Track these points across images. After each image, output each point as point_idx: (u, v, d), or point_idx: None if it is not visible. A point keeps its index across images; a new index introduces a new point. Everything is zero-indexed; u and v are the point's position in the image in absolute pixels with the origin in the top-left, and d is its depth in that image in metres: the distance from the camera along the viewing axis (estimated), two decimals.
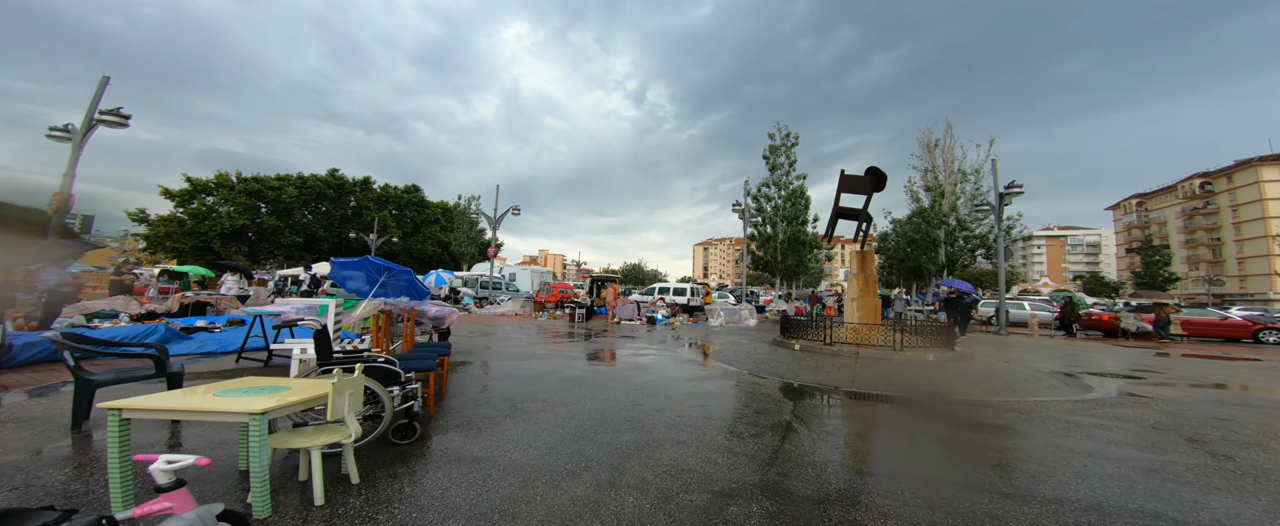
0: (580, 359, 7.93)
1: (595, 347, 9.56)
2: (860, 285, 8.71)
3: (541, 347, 9.25)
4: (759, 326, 17.38)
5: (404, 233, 52.66)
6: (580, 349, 9.28)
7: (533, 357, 7.82)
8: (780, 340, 9.06)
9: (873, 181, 8.64)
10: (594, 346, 9.79)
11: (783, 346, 8.60)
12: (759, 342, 10.65)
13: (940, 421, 4.55)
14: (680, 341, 11.49)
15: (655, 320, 16.87)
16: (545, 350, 8.87)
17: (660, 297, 23.16)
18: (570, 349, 9.23)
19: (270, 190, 37.67)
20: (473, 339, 10.25)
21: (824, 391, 5.79)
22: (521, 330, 12.79)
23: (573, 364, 7.35)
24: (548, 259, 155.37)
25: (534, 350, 8.82)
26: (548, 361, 7.49)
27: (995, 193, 15.65)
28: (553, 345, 9.74)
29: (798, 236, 27.76)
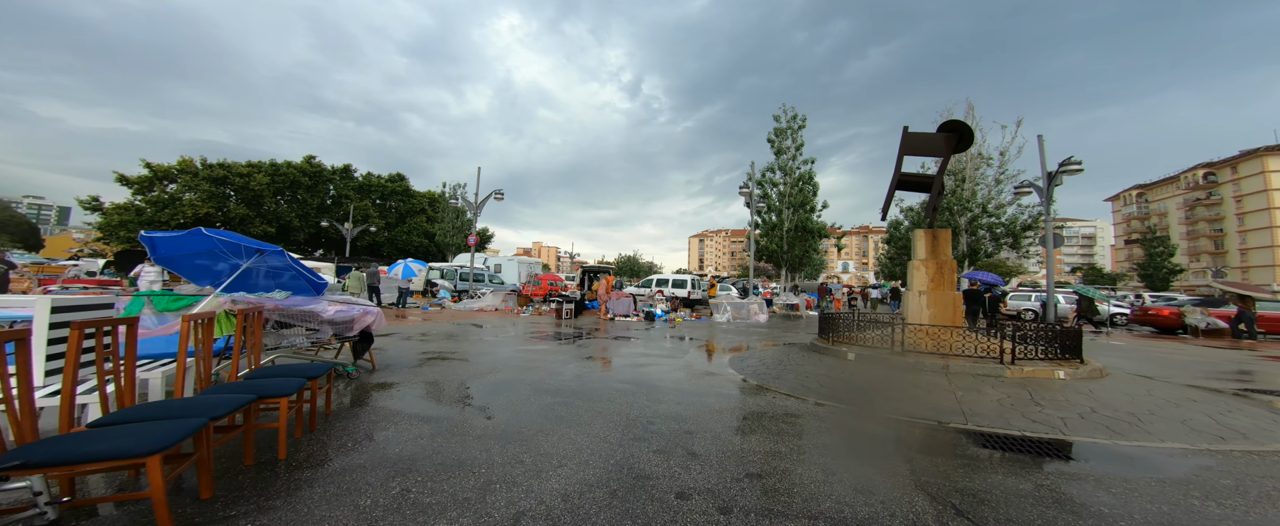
0: (561, 373, 5.88)
1: (583, 353, 7.52)
2: (931, 273, 6.71)
3: (514, 355, 7.20)
4: (771, 322, 15.42)
5: (388, 223, 50.28)
6: (563, 356, 7.23)
7: (494, 372, 5.76)
8: (822, 344, 7.11)
9: (950, 140, 6.62)
10: (581, 352, 7.74)
11: (826, 353, 6.64)
12: (789, 346, 8.68)
13: None
14: (687, 342, 9.48)
15: (654, 316, 14.88)
16: (518, 359, 6.82)
17: (658, 290, 21.15)
18: (550, 357, 7.17)
19: (238, 177, 35.07)
20: (428, 343, 8.16)
21: (938, 431, 3.79)
22: (496, 330, 10.72)
23: (549, 381, 5.30)
24: (541, 251, 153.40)
25: (501, 359, 6.76)
26: (516, 376, 5.45)
27: (1043, 173, 13.70)
28: (529, 349, 7.69)
29: (805, 224, 25.81)
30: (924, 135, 6.86)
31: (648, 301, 18.35)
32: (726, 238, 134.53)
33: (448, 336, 9.09)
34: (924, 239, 7.02)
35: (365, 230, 33.76)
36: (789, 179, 26.69)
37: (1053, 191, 13.63)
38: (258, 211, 36.50)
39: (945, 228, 7.19)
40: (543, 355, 7.25)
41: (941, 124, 6.71)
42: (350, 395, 4.34)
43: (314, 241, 42.08)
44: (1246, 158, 64.46)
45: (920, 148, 6.92)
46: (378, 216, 47.21)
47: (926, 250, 6.93)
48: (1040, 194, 14.40)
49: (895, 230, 30.32)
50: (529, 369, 6.04)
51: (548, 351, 7.69)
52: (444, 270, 20.69)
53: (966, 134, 6.50)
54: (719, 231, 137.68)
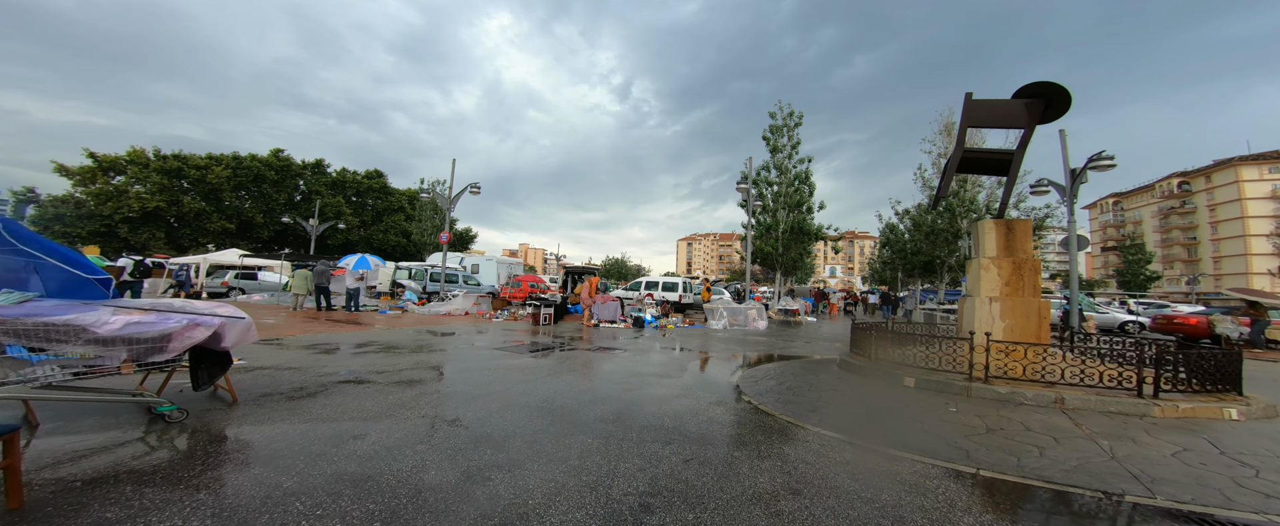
0: (521, 402, 4.31)
1: (557, 370, 5.94)
2: (1006, 275, 5.30)
3: (464, 374, 5.60)
4: (770, 330, 14.03)
5: (364, 221, 47.89)
6: (529, 376, 5.65)
7: (421, 404, 4.17)
8: (859, 363, 5.75)
9: (1035, 108, 5.22)
10: (555, 368, 6.16)
11: (869, 375, 5.28)
12: (811, 363, 7.27)
13: None
14: (682, 355, 7.97)
15: (643, 322, 13.36)
16: (467, 381, 5.23)
17: (648, 294, 19.63)
18: (512, 377, 5.59)
19: (194, 169, 32.46)
20: (355, 359, 6.48)
21: (1116, 509, 2.34)
22: (457, 339, 9.05)
23: (499, 422, 3.72)
24: (528, 253, 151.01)
25: (445, 383, 5.16)
26: (454, 410, 3.86)
27: (1065, 171, 12.62)
28: (489, 365, 6.08)
29: (802, 225, 24.61)
30: (995, 103, 5.49)
31: (636, 306, 16.84)
32: (714, 241, 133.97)
33: (389, 348, 7.41)
34: (995, 232, 5.61)
35: (333, 227, 31.47)
36: (785, 178, 25.55)
37: (1078, 189, 12.52)
38: (217, 207, 33.89)
39: (1024, 219, 5.83)
40: (503, 375, 5.65)
41: (1021, 88, 5.36)
42: (157, 445, 2.72)
43: (280, 239, 39.49)
44: (1221, 167, 66.09)
45: (990, 118, 5.55)
46: (352, 214, 44.81)
47: (998, 245, 5.52)
48: (1061, 193, 13.30)
49: (891, 233, 29.38)
50: (476, 397, 4.45)
51: (510, 369, 6.09)
52: (413, 270, 18.82)
53: (1059, 99, 5.10)
54: (707, 235, 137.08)
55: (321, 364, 5.81)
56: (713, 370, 6.87)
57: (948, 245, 22.55)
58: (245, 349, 6.42)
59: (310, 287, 12.56)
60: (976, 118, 5.56)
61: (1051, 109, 5.23)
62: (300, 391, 4.39)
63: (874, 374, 5.39)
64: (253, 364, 5.59)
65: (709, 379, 6.10)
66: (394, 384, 4.91)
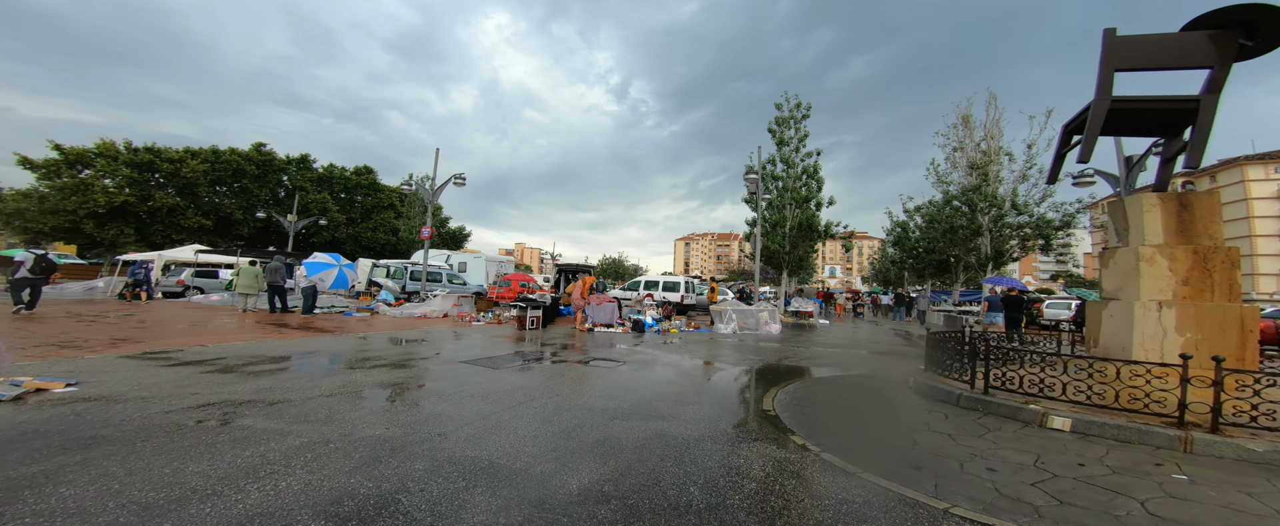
0: (467, 461, 2.86)
1: (533, 393, 4.49)
2: (1183, 270, 3.75)
3: (397, 409, 4.15)
4: (784, 335, 12.62)
5: (352, 218, 46.32)
6: (490, 407, 4.21)
7: (247, 481, 2.70)
8: (952, 385, 4.37)
9: (1229, 42, 3.79)
10: (533, 393, 4.71)
11: (977, 409, 3.85)
12: (870, 385, 5.85)
13: None
14: (693, 367, 6.52)
15: (644, 326, 11.93)
16: (390, 424, 3.78)
17: (648, 294, 18.19)
18: (465, 409, 4.17)
19: (167, 162, 30.75)
20: (261, 380, 5.02)
21: None
22: (419, 349, 7.59)
23: (419, 513, 2.26)
24: (524, 252, 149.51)
25: (358, 423, 3.71)
26: (339, 482, 2.40)
27: (1119, 159, 11.29)
28: (442, 387, 4.62)
29: (810, 222, 23.24)
30: (1158, 38, 4.06)
31: (634, 307, 15.40)
32: (712, 241, 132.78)
33: (320, 362, 5.92)
34: (1164, 210, 4.06)
35: (314, 222, 29.86)
36: (792, 172, 24.18)
37: (1135, 179, 11.17)
38: (194, 202, 32.19)
39: (1207, 192, 4.33)
40: (458, 406, 4.18)
41: (1197, 19, 3.94)
42: None
43: (263, 236, 37.79)
44: (1226, 166, 65.28)
45: (1153, 57, 4.04)
46: (339, 211, 43.22)
47: (1171, 229, 3.98)
48: (1113, 183, 11.94)
49: (901, 230, 28.03)
50: (400, 448, 2.99)
51: (472, 395, 4.62)
52: (392, 268, 17.29)
53: (1270, 24, 3.61)
54: (705, 235, 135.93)
55: (196, 388, 4.31)
56: (737, 390, 5.42)
57: (966, 243, 21.21)
58: (91, 366, 4.93)
59: (261, 286, 11.04)
60: (1130, 58, 4.13)
61: (1260, 38, 3.77)
62: (92, 441, 2.90)
63: (990, 409, 4.02)
64: (90, 389, 4.08)
65: (740, 407, 4.65)
66: (287, 422, 3.44)
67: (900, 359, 8.85)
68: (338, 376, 5.06)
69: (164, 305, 12.92)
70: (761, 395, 5.18)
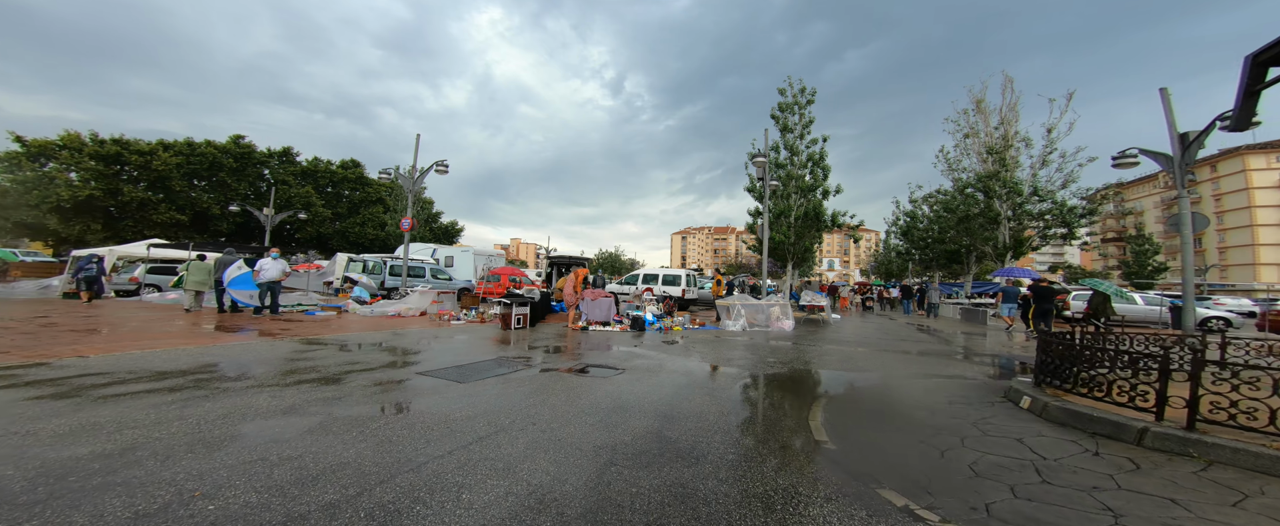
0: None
1: (501, 427, 3.29)
2: None
3: (280, 466, 2.91)
4: (798, 332, 11.49)
5: (338, 213, 44.80)
6: (440, 454, 2.99)
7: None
8: (1140, 425, 3.26)
9: None
10: (501, 421, 3.51)
11: (1172, 452, 2.73)
12: (949, 400, 4.69)
13: None
14: (708, 375, 5.32)
15: (643, 323, 10.74)
16: (255, 488, 2.53)
17: (647, 289, 17.01)
18: (390, 461, 2.92)
19: (136, 155, 29.10)
20: (102, 411, 3.78)
21: None
22: (371, 358, 6.36)
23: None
24: (520, 247, 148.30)
25: (187, 501, 2.46)
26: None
27: (1172, 137, 10.17)
28: (371, 415, 3.40)
29: (817, 211, 22.07)
30: None
31: (633, 302, 14.21)
32: (708, 235, 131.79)
33: (220, 380, 4.68)
34: None
35: (293, 217, 28.39)
36: (797, 160, 22.97)
37: (1194, 155, 10.04)
38: (168, 196, 30.58)
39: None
40: (383, 446, 2.97)
41: None
42: None
43: (243, 231, 36.23)
44: (1226, 156, 64.78)
45: None
46: (324, 205, 41.67)
47: None
48: (1164, 164, 10.82)
49: (909, 220, 26.96)
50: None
51: (411, 427, 3.41)
52: (369, 262, 15.97)
53: None
54: (701, 229, 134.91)
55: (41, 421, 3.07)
56: (769, 407, 4.24)
57: (982, 232, 20.15)
58: None
59: (210, 281, 9.74)
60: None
61: None
62: None
63: (1209, 454, 2.86)
64: None
65: (784, 435, 3.45)
66: (80, 486, 2.21)
67: (946, 360, 7.71)
68: (229, 399, 3.82)
69: (110, 304, 11.60)
70: (803, 414, 4.00)
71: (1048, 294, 12.97)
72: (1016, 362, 7.80)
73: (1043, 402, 4.07)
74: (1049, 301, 12.79)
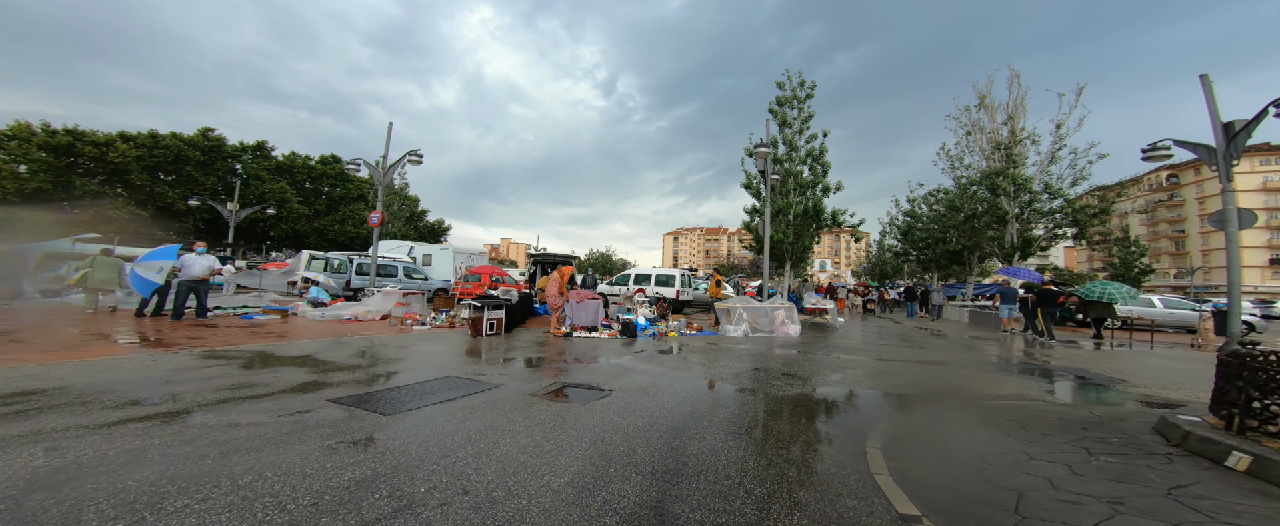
0: None
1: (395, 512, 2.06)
2: None
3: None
4: (805, 338, 10.40)
5: (317, 210, 42.95)
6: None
7: None
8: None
9: None
10: (408, 497, 2.26)
11: None
12: (1087, 452, 3.54)
13: None
14: (719, 400, 4.12)
15: (635, 328, 9.54)
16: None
17: (639, 290, 15.83)
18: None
19: (91, 146, 27.16)
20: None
21: None
22: (267, 379, 5.07)
23: None
24: (510, 247, 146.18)
25: None
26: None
27: (1214, 126, 9.29)
28: (200, 497, 2.17)
29: (817, 208, 21.07)
30: None
31: (623, 304, 13.01)
32: (700, 235, 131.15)
33: (47, 405, 3.38)
34: None
35: (260, 212, 26.68)
36: (795, 155, 21.98)
37: (1241, 146, 9.15)
38: (126, 189, 28.65)
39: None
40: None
41: None
42: None
43: (213, 228, 34.30)
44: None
45: None
46: (300, 202, 39.82)
47: None
48: (1209, 158, 9.91)
49: (910, 219, 26.15)
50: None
51: (257, 508, 2.15)
52: (333, 260, 14.54)
53: None
54: (693, 229, 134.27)
55: None
56: (808, 445, 3.06)
57: (986, 231, 19.30)
58: None
59: (120, 279, 8.32)
60: None
61: None
62: None
63: None
64: None
65: (849, 505, 2.27)
66: None
67: (995, 373, 6.64)
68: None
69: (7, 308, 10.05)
70: (862, 467, 2.83)
71: (1051, 297, 12.20)
72: (1076, 375, 6.75)
73: (1245, 451, 2.90)
74: (1052, 303, 12.02)
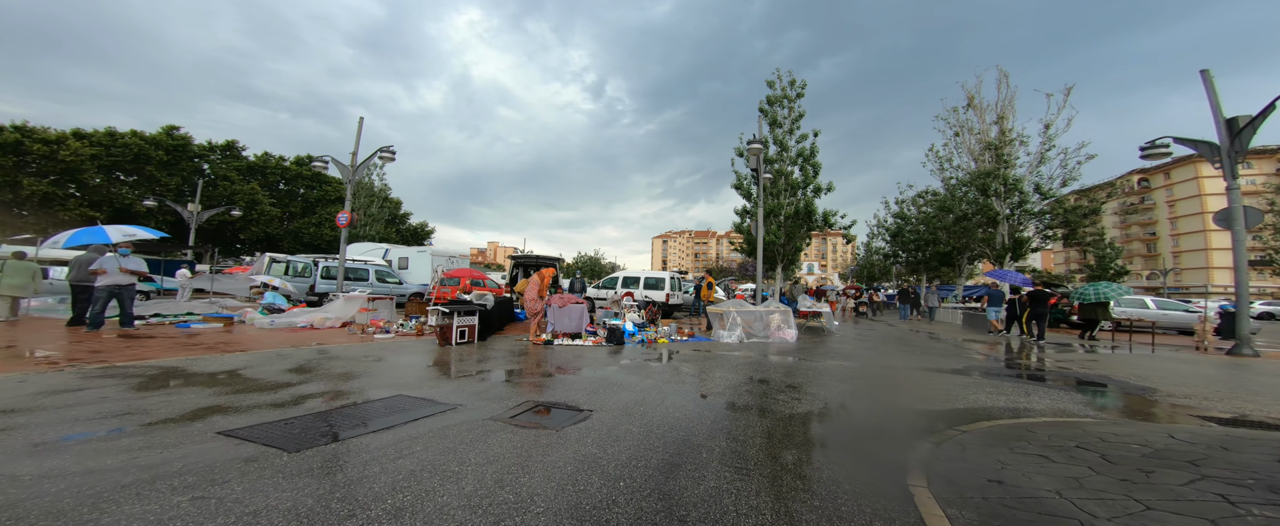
0: None
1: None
2: None
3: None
4: (802, 343, 9.83)
5: (291, 213, 41.27)
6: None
7: None
8: None
9: None
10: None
11: None
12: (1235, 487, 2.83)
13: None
14: (735, 422, 3.42)
15: (622, 334, 8.83)
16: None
17: (626, 293, 15.13)
18: None
19: (39, 144, 25.42)
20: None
21: None
22: (118, 413, 4.21)
23: None
24: (498, 251, 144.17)
25: None
26: None
27: (1217, 122, 9.07)
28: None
29: (809, 209, 20.68)
30: None
31: (610, 308, 12.28)
32: (689, 239, 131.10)
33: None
34: None
35: (224, 213, 25.26)
36: (785, 155, 21.60)
37: (1246, 144, 8.89)
38: (80, 189, 26.89)
39: None
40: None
41: None
42: None
43: (177, 231, 32.50)
44: (1180, 164, 67.77)
45: None
46: (273, 203, 38.17)
47: None
48: (1212, 154, 9.68)
49: (901, 221, 25.99)
50: None
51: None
52: (299, 264, 13.50)
53: None
54: (682, 232, 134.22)
55: None
56: (841, 483, 2.38)
57: (976, 232, 19.09)
58: None
59: (37, 286, 7.31)
60: None
61: None
62: None
63: None
64: None
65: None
66: None
67: (1013, 381, 6.09)
68: None
69: None
70: (907, 507, 2.16)
71: (1043, 299, 11.94)
72: (1102, 383, 6.24)
73: None
74: (1042, 305, 11.76)
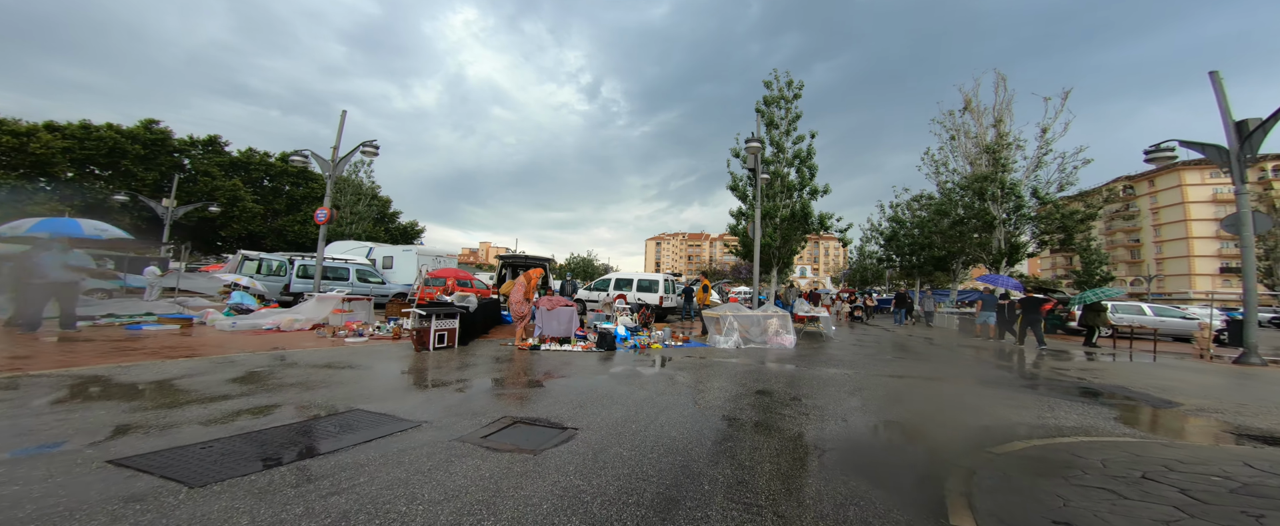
0: None
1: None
2: None
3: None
4: (800, 349, 9.44)
5: (275, 210, 40.23)
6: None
7: None
8: None
9: None
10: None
11: None
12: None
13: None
14: (738, 443, 2.97)
15: (613, 339, 8.35)
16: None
17: (618, 296, 14.66)
18: None
19: (10, 136, 24.36)
20: None
21: None
22: (98, 423, 3.64)
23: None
24: (490, 252, 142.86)
25: None
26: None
27: (1226, 126, 8.85)
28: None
29: (805, 211, 20.41)
30: None
31: (602, 311, 11.82)
32: (683, 241, 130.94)
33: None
34: None
35: (201, 209, 24.35)
36: (782, 157, 21.34)
37: (1257, 147, 8.66)
38: (49, 184, 25.81)
39: None
40: None
41: None
42: None
43: (154, 227, 31.38)
44: (1164, 172, 68.92)
45: None
46: (256, 201, 37.15)
47: None
48: (1220, 158, 9.46)
49: (896, 225, 25.84)
50: None
51: None
52: (274, 262, 12.83)
53: None
54: (675, 235, 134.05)
55: None
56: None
57: (971, 236, 18.93)
58: None
59: None
60: None
61: None
62: None
63: None
64: None
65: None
66: None
67: (1028, 391, 5.72)
68: None
69: None
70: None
71: (1034, 304, 11.71)
72: (1123, 395, 5.89)
73: None
74: (1036, 312, 11.52)
